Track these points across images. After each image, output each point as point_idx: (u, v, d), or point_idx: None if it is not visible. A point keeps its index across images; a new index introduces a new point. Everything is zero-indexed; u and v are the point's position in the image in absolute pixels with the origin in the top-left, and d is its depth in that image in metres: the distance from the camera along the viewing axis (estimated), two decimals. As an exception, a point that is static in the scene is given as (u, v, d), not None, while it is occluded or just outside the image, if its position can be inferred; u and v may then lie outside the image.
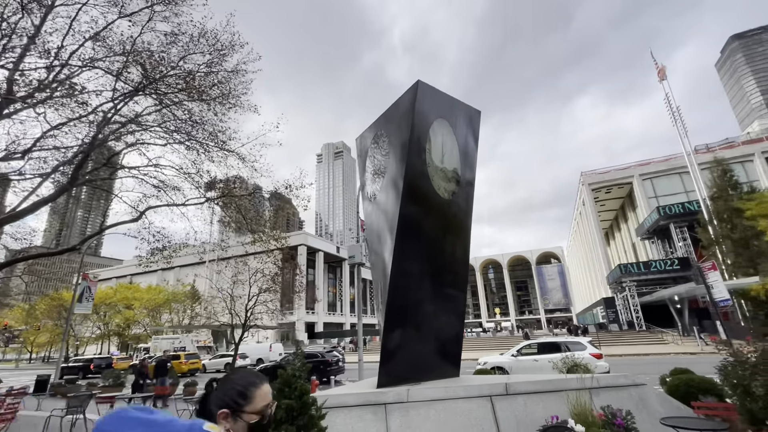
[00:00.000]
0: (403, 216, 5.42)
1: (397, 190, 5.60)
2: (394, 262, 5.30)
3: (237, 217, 15.88)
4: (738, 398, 4.41)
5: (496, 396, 4.83)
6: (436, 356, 5.84)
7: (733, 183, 31.24)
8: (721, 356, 5.21)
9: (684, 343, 27.91)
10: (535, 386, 4.96)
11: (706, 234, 32.08)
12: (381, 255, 6.12)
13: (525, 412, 4.76)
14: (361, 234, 14.50)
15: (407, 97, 5.91)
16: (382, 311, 5.46)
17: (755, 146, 43.36)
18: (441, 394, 4.80)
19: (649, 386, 5.16)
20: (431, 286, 5.87)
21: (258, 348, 30.97)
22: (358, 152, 7.93)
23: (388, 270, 5.43)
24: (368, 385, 5.49)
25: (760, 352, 4.47)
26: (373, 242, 6.74)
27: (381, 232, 6.13)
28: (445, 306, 6.04)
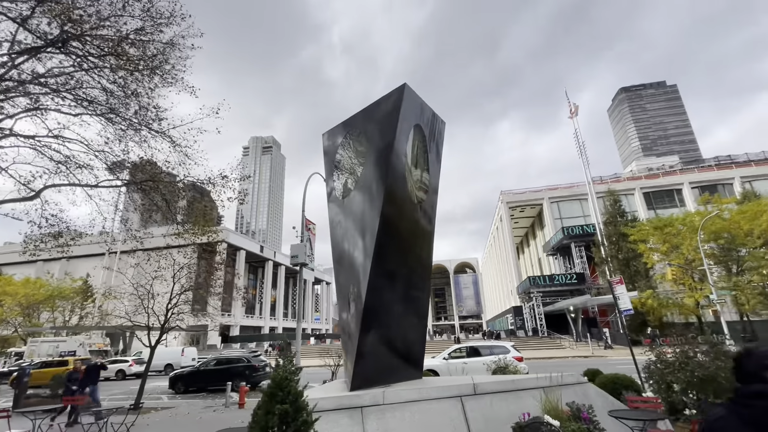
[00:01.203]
0: (384, 217, 5.37)
1: (378, 190, 5.53)
2: (373, 264, 5.21)
3: (162, 206, 14.28)
4: (661, 392, 5.17)
5: (466, 396, 5.00)
6: (403, 358, 5.85)
7: (621, 211, 36.87)
8: (609, 359, 6.04)
9: (578, 347, 31.90)
10: (500, 386, 5.24)
11: (599, 253, 37.31)
12: (351, 256, 5.98)
13: (492, 411, 5.00)
14: (306, 234, 13.97)
15: (392, 99, 5.90)
16: (356, 314, 5.31)
17: (636, 182, 51.74)
18: (415, 395, 4.82)
19: (590, 384, 5.76)
20: (403, 288, 5.90)
21: (166, 352, 27.78)
22: (325, 149, 7.68)
23: (364, 271, 5.32)
24: (338, 389, 5.28)
25: (678, 354, 5.30)
26: (340, 243, 6.56)
27: (353, 233, 5.99)
28: (412, 309, 6.10)
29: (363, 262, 5.41)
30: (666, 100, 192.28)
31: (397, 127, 5.61)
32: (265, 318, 64.84)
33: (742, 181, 46.70)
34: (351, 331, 5.52)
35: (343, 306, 6.23)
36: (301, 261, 13.06)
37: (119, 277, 45.26)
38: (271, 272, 66.97)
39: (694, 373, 4.83)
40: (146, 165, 13.84)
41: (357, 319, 5.20)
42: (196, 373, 16.93)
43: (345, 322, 5.94)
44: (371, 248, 5.26)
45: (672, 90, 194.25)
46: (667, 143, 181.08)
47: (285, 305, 75.75)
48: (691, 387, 4.81)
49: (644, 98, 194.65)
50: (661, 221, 31.41)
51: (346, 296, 6.06)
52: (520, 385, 5.32)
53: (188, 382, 16.60)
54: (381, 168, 5.61)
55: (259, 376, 16.87)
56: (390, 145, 5.57)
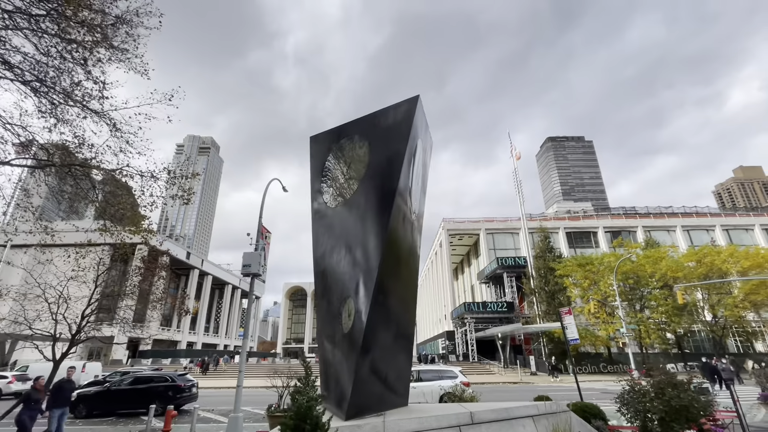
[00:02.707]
0: (391, 230, 5.06)
1: (385, 201, 5.23)
2: (377, 278, 4.83)
3: (91, 196, 12.45)
4: (640, 420, 5.38)
5: (464, 426, 4.74)
6: (394, 383, 5.45)
7: (550, 247, 40.20)
8: (537, 385, 6.32)
9: (506, 373, 33.35)
10: (494, 414, 5.07)
11: (528, 285, 40.04)
12: (344, 268, 5.55)
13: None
14: (261, 242, 12.93)
15: (404, 108, 5.72)
16: (353, 332, 4.84)
17: (560, 222, 57.11)
18: (416, 425, 4.45)
19: (570, 412, 5.83)
20: (398, 307, 5.57)
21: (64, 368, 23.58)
22: (312, 153, 7.23)
23: (366, 285, 4.92)
24: None
25: (654, 382, 5.60)
26: (327, 254, 6.08)
27: (348, 244, 5.57)
28: (403, 329, 5.77)
29: (364, 275, 5.00)
30: (584, 153, 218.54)
31: (409, 138, 5.42)
32: (183, 331, 58.78)
33: (644, 230, 53.85)
34: (343, 351, 5.02)
35: (327, 324, 5.69)
36: (254, 271, 11.96)
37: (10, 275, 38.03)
38: (195, 282, 61.44)
39: (670, 403, 5.13)
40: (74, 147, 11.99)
41: (355, 338, 4.74)
42: (106, 393, 14.46)
43: (332, 341, 5.41)
44: (375, 261, 4.89)
45: (588, 145, 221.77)
46: (582, 190, 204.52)
47: (207, 319, 69.66)
48: (668, 416, 5.08)
49: (566, 149, 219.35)
50: (584, 259, 34.77)
51: (334, 313, 5.56)
52: (512, 414, 5.20)
53: (94, 405, 14.11)
54: (389, 178, 5.33)
55: (185, 397, 14.93)
56: (400, 156, 5.34)
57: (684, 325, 33.10)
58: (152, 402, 14.09)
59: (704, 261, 33.15)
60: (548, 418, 5.48)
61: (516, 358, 38.26)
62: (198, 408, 11.39)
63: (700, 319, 34.63)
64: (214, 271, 68.44)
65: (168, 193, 14.29)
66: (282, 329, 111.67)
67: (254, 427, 11.86)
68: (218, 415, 14.19)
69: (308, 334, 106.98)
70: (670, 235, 53.32)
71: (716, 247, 37.03)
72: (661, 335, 31.49)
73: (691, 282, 30.50)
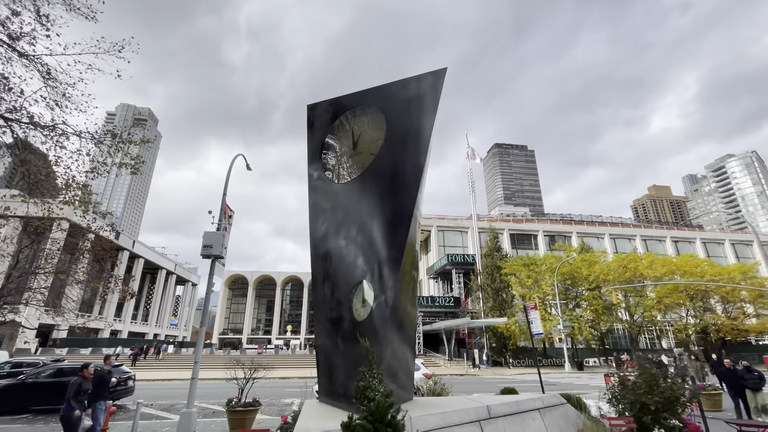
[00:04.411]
0: (416, 208, 4.64)
1: (410, 177, 4.79)
2: (404, 259, 4.39)
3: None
4: (635, 413, 5.53)
5: (484, 420, 4.50)
6: (402, 377, 5.05)
7: (498, 247, 42.15)
8: (484, 377, 6.50)
9: (452, 365, 34.47)
10: (508, 408, 4.90)
11: (476, 281, 41.71)
12: (357, 249, 5.04)
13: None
14: (224, 222, 11.73)
15: (429, 81, 5.29)
16: (376, 320, 4.36)
17: (505, 224, 60.26)
18: (440, 421, 4.11)
19: (568, 405, 5.87)
20: (411, 291, 5.17)
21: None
22: (310, 122, 6.56)
23: (391, 266, 4.45)
24: (334, 414, 4.14)
25: (645, 376, 5.79)
26: (332, 233, 5.52)
27: (367, 222, 5.06)
28: (412, 317, 5.39)
29: (387, 259, 4.53)
30: (525, 161, 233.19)
31: (435, 112, 5.02)
32: (107, 319, 53.18)
33: (578, 235, 58.64)
34: (355, 341, 4.52)
35: (331, 310, 5.14)
36: (215, 252, 10.82)
37: None
38: (125, 265, 55.80)
39: (664, 395, 5.33)
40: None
41: (376, 327, 4.26)
42: (19, 387, 12.33)
43: (337, 330, 4.88)
44: (402, 243, 4.44)
45: (530, 154, 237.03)
46: (522, 196, 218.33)
47: (136, 306, 63.83)
48: (663, 407, 5.27)
49: (511, 156, 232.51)
50: (529, 259, 36.93)
51: (340, 299, 5.02)
52: (522, 407, 5.08)
53: (3, 401, 11.98)
54: (416, 154, 4.89)
55: (120, 391, 13.25)
56: (428, 130, 4.93)
57: (608, 323, 36.54)
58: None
59: (629, 266, 36.84)
60: (551, 410, 5.44)
61: (459, 352, 39.75)
62: (142, 403, 10.09)
63: (620, 318, 38.50)
64: (147, 253, 62.72)
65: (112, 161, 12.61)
66: (219, 319, 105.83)
67: (206, 423, 10.82)
68: (160, 411, 12.81)
69: (247, 325, 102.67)
70: (599, 242, 58.61)
71: (640, 255, 41.29)
72: (591, 332, 34.48)
73: (619, 284, 33.71)
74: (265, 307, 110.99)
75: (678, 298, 36.07)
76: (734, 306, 39.39)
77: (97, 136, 11.79)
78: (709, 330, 38.78)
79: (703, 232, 68.04)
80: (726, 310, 39.71)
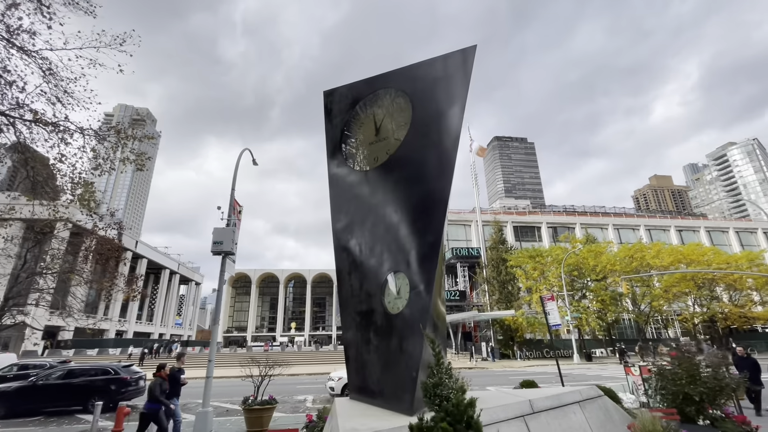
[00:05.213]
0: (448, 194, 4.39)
1: (443, 160, 4.53)
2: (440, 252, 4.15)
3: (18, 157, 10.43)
4: (678, 404, 5.31)
5: (527, 415, 4.28)
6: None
7: (502, 239, 41.91)
8: (494, 369, 6.29)
9: (459, 358, 34.39)
10: (549, 402, 4.69)
11: (481, 274, 41.53)
12: (383, 241, 4.80)
13: (547, 430, 4.38)
14: (233, 217, 11.48)
15: (458, 60, 5.01)
16: (415, 311, 4.13)
17: (509, 217, 59.95)
18: (485, 417, 3.87)
19: (606, 397, 5.65)
20: (441, 288, 4.93)
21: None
22: (327, 109, 6.31)
23: (427, 255, 4.21)
24: (375, 414, 3.92)
25: (685, 365, 5.56)
26: (359, 223, 5.28)
27: (399, 209, 4.80)
28: (441, 311, 5.16)
29: (423, 245, 4.29)
30: (525, 153, 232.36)
31: (467, 92, 4.75)
32: (112, 320, 53.17)
33: (582, 226, 58.37)
34: (390, 335, 4.29)
35: (360, 303, 4.91)
36: (226, 249, 10.59)
37: None
38: (128, 266, 55.66)
39: (707, 385, 5.12)
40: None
41: (415, 319, 4.03)
42: (31, 389, 12.17)
43: (367, 323, 4.65)
44: (440, 226, 4.20)
45: (531, 146, 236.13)
46: (523, 189, 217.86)
47: (140, 306, 63.82)
48: (707, 398, 5.07)
49: (511, 149, 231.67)
50: (535, 251, 36.70)
51: (370, 291, 4.79)
52: (563, 401, 4.86)
53: (15, 403, 11.81)
54: (446, 137, 4.62)
55: (131, 392, 13.10)
56: (459, 110, 4.67)
57: (615, 314, 36.39)
58: (90, 398, 12.24)
59: (635, 256, 36.61)
60: (590, 403, 5.23)
61: (465, 345, 39.66)
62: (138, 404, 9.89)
63: (627, 308, 38.33)
64: (149, 254, 62.60)
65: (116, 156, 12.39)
66: (223, 317, 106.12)
67: (221, 422, 10.65)
68: (173, 410, 12.63)
69: (251, 323, 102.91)
70: (603, 232, 58.34)
71: (646, 244, 41.05)
72: (598, 323, 34.34)
73: (626, 274, 33.50)
74: (268, 304, 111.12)
75: (685, 287, 35.89)
76: (741, 294, 39.21)
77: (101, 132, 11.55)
78: (716, 318, 38.63)
79: (707, 220, 67.74)
80: (733, 298, 39.55)
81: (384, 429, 3.07)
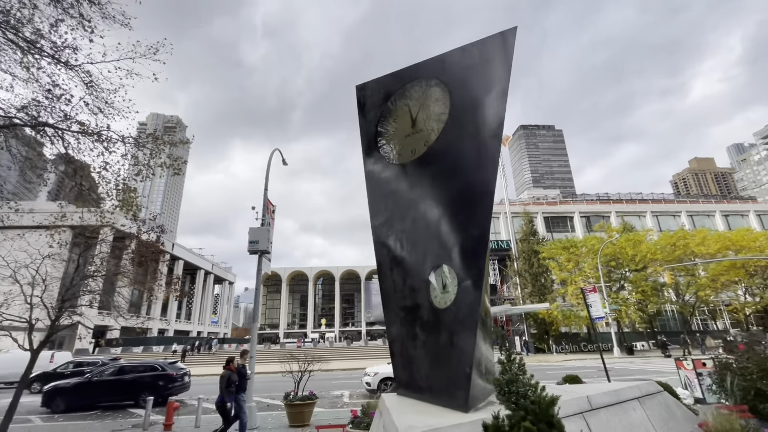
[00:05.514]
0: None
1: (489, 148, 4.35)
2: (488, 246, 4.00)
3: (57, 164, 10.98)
4: (749, 400, 4.93)
5: (586, 412, 4.08)
6: (488, 366, 4.69)
7: (533, 231, 40.77)
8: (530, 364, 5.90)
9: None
10: (608, 398, 4.46)
11: (512, 267, 40.61)
12: (425, 234, 4.69)
13: (608, 427, 4.17)
14: (267, 217, 11.72)
15: (495, 44, 4.79)
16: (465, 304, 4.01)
17: (539, 207, 58.28)
18: (543, 414, 3.71)
19: (665, 393, 5.34)
20: (487, 282, 4.77)
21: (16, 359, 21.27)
22: (360, 104, 6.23)
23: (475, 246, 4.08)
24: (424, 408, 3.85)
25: (755, 359, 5.15)
26: (399, 217, 5.18)
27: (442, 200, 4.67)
28: (487, 306, 5.00)
29: (469, 237, 4.15)
30: (553, 141, 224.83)
31: (509, 76, 4.55)
32: (154, 318, 55.89)
33: (617, 214, 55.92)
34: (439, 330, 4.20)
35: (404, 298, 4.83)
36: (262, 248, 10.83)
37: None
38: (166, 267, 58.23)
39: (785, 380, 4.73)
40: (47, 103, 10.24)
41: (465, 313, 3.91)
42: (86, 385, 12.94)
43: (413, 318, 4.56)
44: (485, 219, 4.05)
45: (558, 134, 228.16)
46: (551, 178, 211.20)
47: (179, 305, 66.72)
48: (785, 394, 4.68)
49: (537, 137, 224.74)
50: (569, 242, 35.44)
51: (414, 286, 4.70)
52: (622, 397, 4.62)
53: (73, 398, 12.59)
54: (488, 125, 4.44)
55: (177, 387, 13.68)
56: (502, 94, 4.47)
57: (657, 305, 34.64)
58: (140, 394, 12.85)
59: (678, 244, 34.65)
60: (650, 399, 4.94)
61: (498, 339, 38.95)
62: (202, 398, 10.28)
63: (669, 299, 36.39)
64: (185, 255, 65.23)
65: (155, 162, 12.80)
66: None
67: (263, 417, 10.92)
68: (216, 405, 13.07)
69: (283, 320, 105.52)
70: (641, 220, 55.61)
71: (689, 231, 38.81)
72: (639, 315, 32.83)
73: (669, 264, 31.78)
74: (298, 302, 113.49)
75: (735, 276, 33.67)
76: (799, 281, 36.35)
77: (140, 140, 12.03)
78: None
79: (756, 204, 63.26)
80: (789, 286, 36.73)
81: (442, 426, 2.98)
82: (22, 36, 9.13)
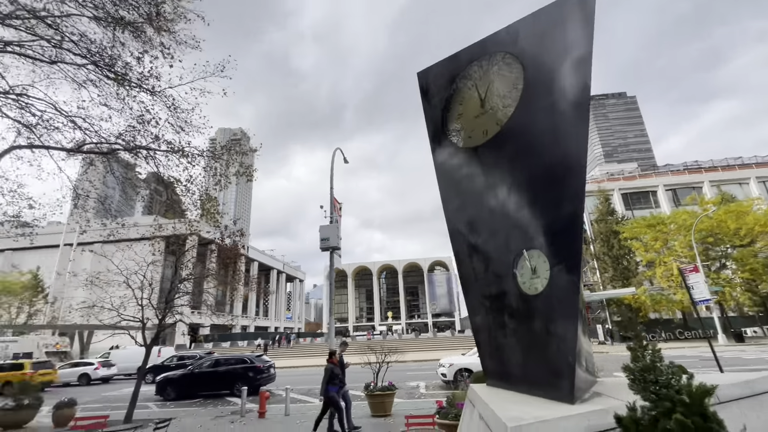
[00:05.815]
0: (585, 156, 3.83)
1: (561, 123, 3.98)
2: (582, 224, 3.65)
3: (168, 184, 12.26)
4: None
5: (714, 406, 3.55)
6: (589, 356, 4.34)
7: (611, 210, 37.39)
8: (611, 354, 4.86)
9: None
10: (739, 390, 3.86)
11: (589, 250, 37.65)
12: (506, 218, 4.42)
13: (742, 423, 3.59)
14: (335, 214, 12.11)
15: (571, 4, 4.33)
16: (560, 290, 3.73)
17: (615, 183, 53.20)
18: (663, 408, 3.30)
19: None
20: (581, 260, 4.37)
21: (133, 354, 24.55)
22: (424, 90, 6.04)
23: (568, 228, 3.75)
24: (522, 398, 3.65)
25: None
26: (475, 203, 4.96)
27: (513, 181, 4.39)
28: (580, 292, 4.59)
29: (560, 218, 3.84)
30: (626, 110, 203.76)
31: (592, 37, 4.10)
32: (239, 316, 61.21)
33: (711, 184, 49.14)
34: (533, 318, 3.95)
35: (489, 286, 4.62)
36: (333, 244, 11.22)
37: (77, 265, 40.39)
38: (244, 268, 63.26)
39: None
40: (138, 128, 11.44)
41: (562, 299, 3.64)
42: (190, 376, 14.52)
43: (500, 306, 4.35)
44: (577, 195, 3.71)
45: (632, 101, 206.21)
46: (626, 151, 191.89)
47: (257, 303, 72.16)
48: None
49: (606, 107, 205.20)
50: (654, 219, 31.94)
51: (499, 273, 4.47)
52: (755, 389, 3.96)
53: (180, 388, 14.19)
54: (573, 92, 4.04)
55: (264, 378, 14.77)
56: (583, 61, 4.04)
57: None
58: (234, 384, 14.04)
59: (796, 212, 29.51)
60: None
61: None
62: (290, 389, 10.97)
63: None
64: (259, 257, 70.29)
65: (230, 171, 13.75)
66: (326, 310, 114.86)
67: (346, 406, 11.31)
68: (300, 395, 13.88)
69: (351, 314, 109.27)
70: (743, 189, 48.31)
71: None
72: (749, 296, 28.63)
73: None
74: (364, 296, 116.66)
75: None
76: None
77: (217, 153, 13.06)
78: None
79: None
80: None
81: (551, 418, 2.78)
82: (115, 71, 10.33)
